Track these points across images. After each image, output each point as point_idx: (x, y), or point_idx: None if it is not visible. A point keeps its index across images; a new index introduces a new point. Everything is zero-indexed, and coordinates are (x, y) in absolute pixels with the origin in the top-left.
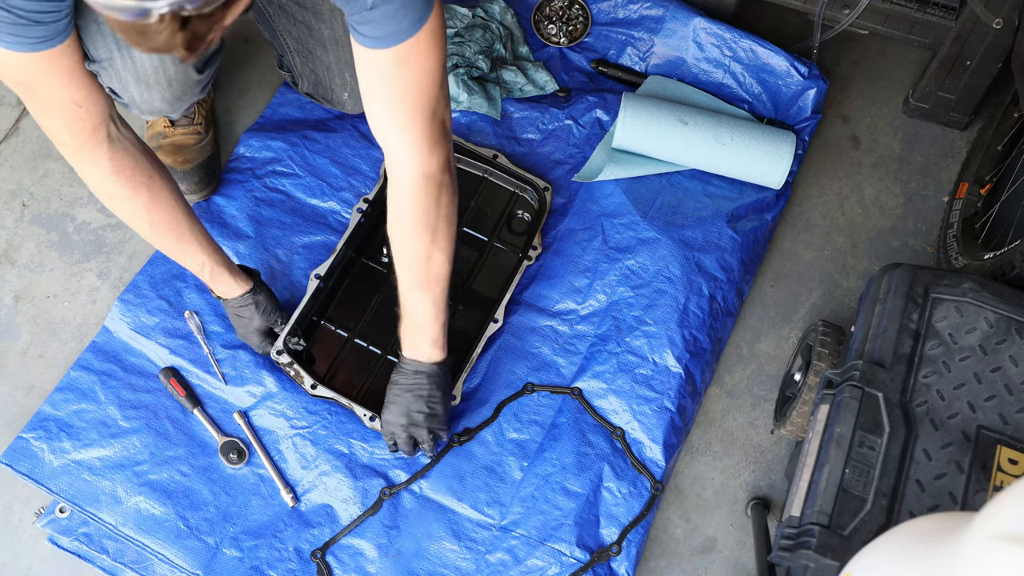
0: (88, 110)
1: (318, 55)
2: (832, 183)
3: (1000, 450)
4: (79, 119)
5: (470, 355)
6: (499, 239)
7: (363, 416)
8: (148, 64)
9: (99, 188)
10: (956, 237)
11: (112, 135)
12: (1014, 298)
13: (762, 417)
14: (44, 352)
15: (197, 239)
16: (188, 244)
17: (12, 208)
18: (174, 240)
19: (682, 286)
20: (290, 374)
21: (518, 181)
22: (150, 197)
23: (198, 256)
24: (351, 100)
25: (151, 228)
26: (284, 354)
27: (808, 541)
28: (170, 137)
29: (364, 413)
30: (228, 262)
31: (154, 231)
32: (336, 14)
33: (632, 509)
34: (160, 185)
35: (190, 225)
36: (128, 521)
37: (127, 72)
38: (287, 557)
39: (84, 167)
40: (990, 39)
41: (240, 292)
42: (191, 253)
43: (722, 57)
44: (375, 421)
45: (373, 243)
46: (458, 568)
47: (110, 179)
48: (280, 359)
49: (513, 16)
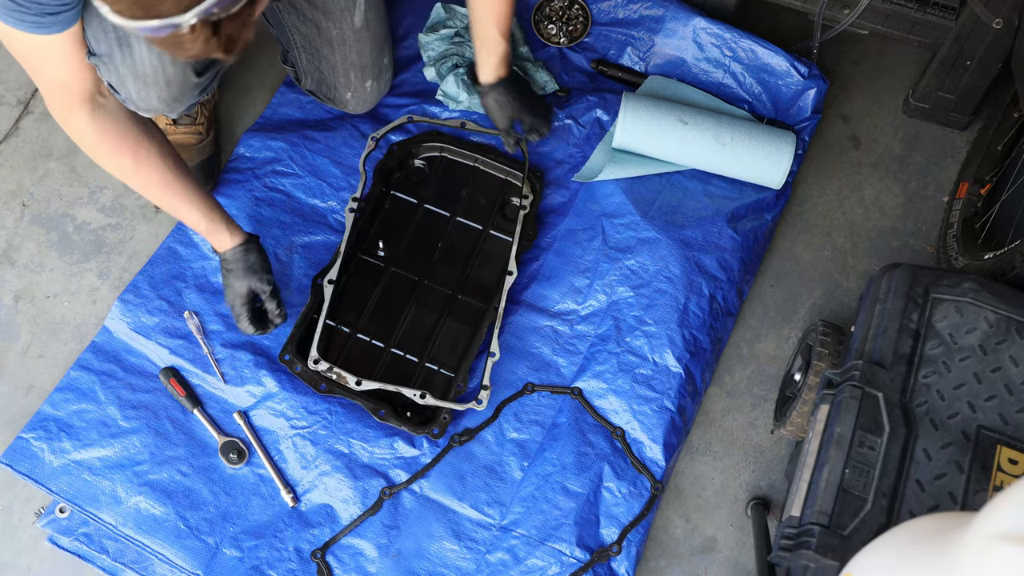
0: (73, 88)
1: (324, 53)
2: (832, 183)
3: (1000, 450)
4: (65, 93)
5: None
6: (494, 226)
7: (413, 396)
8: (147, 63)
9: (88, 152)
10: (956, 237)
11: (97, 105)
12: (1014, 298)
13: (762, 417)
14: (44, 352)
15: (191, 197)
16: (182, 202)
17: (12, 208)
18: (168, 198)
19: (682, 286)
20: (332, 378)
21: (509, 168)
22: (135, 160)
23: (193, 213)
24: (354, 100)
25: (143, 189)
26: (321, 361)
27: (808, 541)
28: (171, 135)
29: (414, 393)
30: (225, 218)
31: (147, 191)
32: (346, 14)
33: (632, 509)
34: (147, 149)
35: (183, 185)
36: (128, 521)
37: (126, 69)
38: (287, 557)
39: (72, 133)
40: (990, 39)
41: (233, 244)
42: (186, 210)
43: (722, 57)
44: (426, 398)
45: (370, 237)
46: (458, 568)
47: (96, 146)
48: (319, 367)
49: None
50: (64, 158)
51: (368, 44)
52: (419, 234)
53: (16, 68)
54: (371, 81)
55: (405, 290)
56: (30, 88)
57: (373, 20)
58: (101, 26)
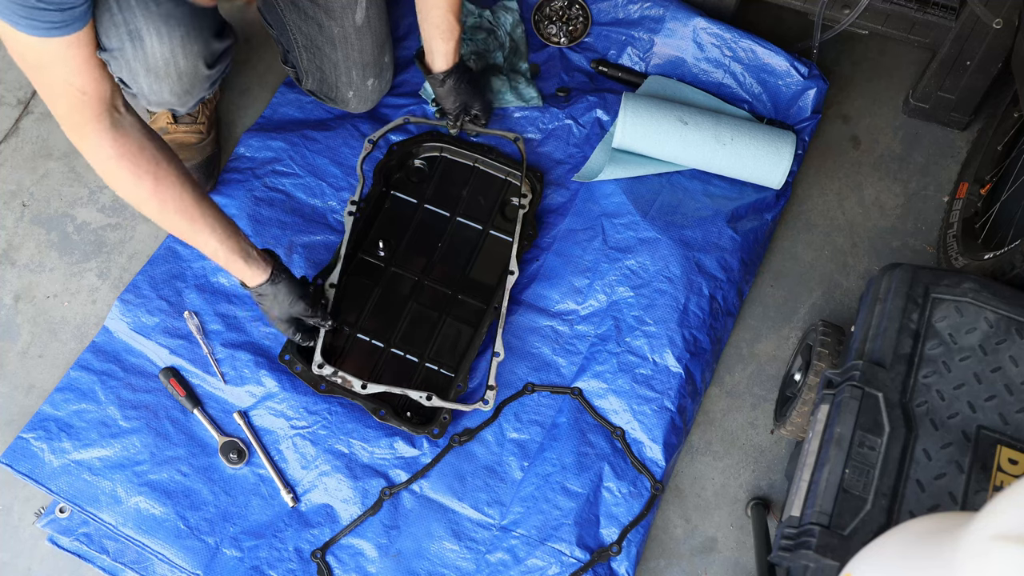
0: (92, 97)
1: (326, 52)
2: (832, 183)
3: (1000, 450)
4: (83, 104)
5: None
6: (494, 226)
7: (419, 398)
8: (159, 56)
9: (104, 173)
10: (956, 237)
11: (116, 121)
12: (1014, 298)
13: (762, 417)
14: (44, 352)
15: (209, 224)
16: (199, 229)
17: (12, 208)
18: (185, 225)
19: (682, 286)
20: (338, 382)
21: (509, 168)
22: (155, 182)
23: (211, 242)
24: (356, 98)
25: (160, 213)
26: (326, 365)
27: (808, 541)
28: (172, 134)
29: (420, 395)
30: (244, 249)
31: (163, 216)
32: (347, 12)
33: (632, 509)
34: (167, 170)
35: (201, 210)
36: (128, 521)
37: (138, 63)
38: (287, 557)
39: (88, 151)
40: (990, 39)
41: (256, 283)
42: (203, 238)
43: (722, 57)
44: (432, 400)
45: (370, 237)
46: (458, 568)
47: (114, 164)
48: (323, 371)
49: (523, 31)
50: (64, 158)
51: (369, 42)
52: (419, 234)
53: (16, 68)
54: (372, 79)
55: (405, 290)
56: (30, 88)
57: (374, 18)
58: (112, 20)
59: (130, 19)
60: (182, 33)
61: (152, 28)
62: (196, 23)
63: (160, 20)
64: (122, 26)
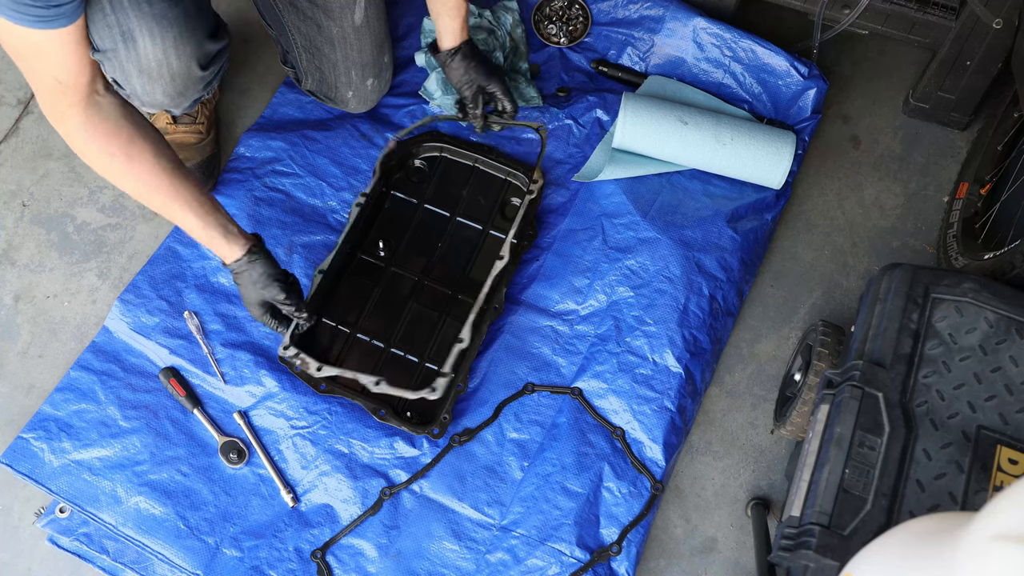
0: (68, 85)
1: (325, 52)
2: (832, 183)
3: (1000, 450)
4: (58, 92)
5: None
6: (494, 226)
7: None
8: (152, 57)
9: (79, 150)
10: (956, 237)
11: (94, 103)
12: (1014, 298)
13: (762, 417)
14: (44, 352)
15: (187, 202)
16: (176, 206)
17: (12, 208)
18: (163, 201)
19: (682, 286)
20: (297, 363)
21: (509, 168)
22: (127, 160)
23: (189, 217)
24: (355, 99)
25: (136, 191)
26: (290, 348)
27: (808, 541)
28: (171, 135)
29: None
30: (223, 225)
31: (140, 194)
32: (346, 12)
33: (632, 509)
34: (141, 148)
35: (179, 188)
36: (128, 521)
37: (130, 64)
38: (287, 557)
39: (64, 134)
40: (990, 39)
41: (234, 257)
42: (180, 215)
43: (722, 57)
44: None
45: (370, 237)
46: (458, 568)
47: (85, 145)
48: (286, 354)
49: (523, 31)
50: (64, 158)
51: (369, 42)
52: (419, 234)
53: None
54: (372, 79)
55: (405, 290)
56: (30, 88)
57: (373, 18)
58: (105, 21)
59: (123, 20)
60: (175, 34)
61: (145, 29)
62: (189, 24)
63: (153, 21)
64: (115, 27)
